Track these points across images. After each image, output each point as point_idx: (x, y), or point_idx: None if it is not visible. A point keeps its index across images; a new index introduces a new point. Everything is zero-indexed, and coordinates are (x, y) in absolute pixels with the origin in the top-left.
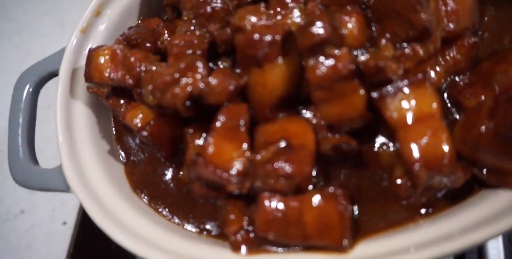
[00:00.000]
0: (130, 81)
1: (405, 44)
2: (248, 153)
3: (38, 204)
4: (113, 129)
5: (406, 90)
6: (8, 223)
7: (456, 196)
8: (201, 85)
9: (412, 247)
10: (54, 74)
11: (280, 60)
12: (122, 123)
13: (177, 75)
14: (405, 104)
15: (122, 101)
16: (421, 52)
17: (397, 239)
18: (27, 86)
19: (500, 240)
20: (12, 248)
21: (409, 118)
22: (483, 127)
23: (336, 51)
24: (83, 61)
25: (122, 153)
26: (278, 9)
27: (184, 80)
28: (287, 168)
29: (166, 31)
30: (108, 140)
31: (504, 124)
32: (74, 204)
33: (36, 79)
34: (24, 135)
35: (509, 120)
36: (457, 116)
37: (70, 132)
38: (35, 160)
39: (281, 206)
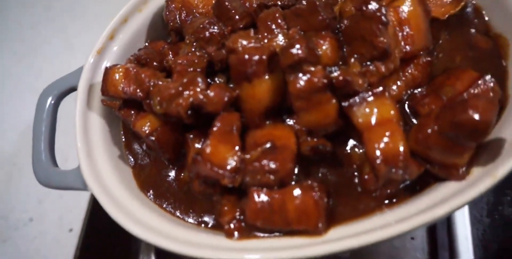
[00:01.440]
0: (141, 94)
1: (369, 63)
2: (239, 153)
3: (46, 212)
4: (123, 137)
5: (370, 100)
6: (18, 230)
7: (415, 189)
8: (201, 96)
9: (378, 228)
10: (73, 89)
11: (266, 76)
12: (131, 131)
13: (180, 89)
14: (369, 111)
15: (132, 112)
16: (383, 69)
17: (365, 224)
18: (50, 99)
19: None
20: (21, 254)
21: (372, 123)
22: (430, 129)
23: (312, 68)
24: (98, 78)
25: (131, 158)
26: (265, 34)
27: (186, 93)
28: (272, 165)
29: (170, 52)
30: (118, 147)
31: (444, 126)
32: (79, 212)
33: (57, 93)
34: (46, 141)
35: (448, 123)
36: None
37: (87, 139)
38: (55, 163)
39: (267, 198)
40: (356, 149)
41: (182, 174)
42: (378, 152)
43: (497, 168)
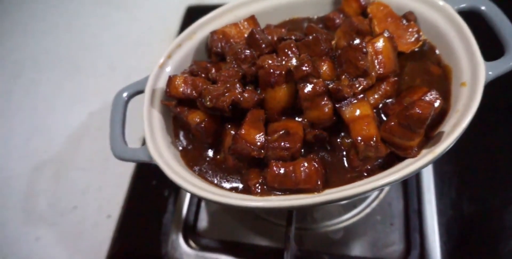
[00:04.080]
0: (195, 94)
1: (355, 79)
2: (264, 136)
3: (88, 201)
4: (173, 128)
5: (354, 102)
6: (63, 217)
7: (385, 166)
8: (239, 96)
9: (357, 186)
10: (141, 91)
11: (284, 85)
12: (179, 125)
13: (225, 90)
14: (353, 110)
15: (185, 109)
16: (364, 83)
17: (349, 186)
18: (124, 95)
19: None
20: (66, 236)
21: (355, 117)
22: (393, 122)
23: (315, 80)
24: (159, 84)
25: (179, 143)
26: (283, 57)
27: (228, 94)
28: (286, 144)
29: (213, 68)
30: (170, 135)
31: (401, 118)
32: (117, 202)
33: (130, 92)
34: (120, 127)
35: (403, 116)
36: None
37: (150, 127)
38: (126, 143)
39: (282, 167)
40: (345, 139)
41: (218, 156)
42: (359, 136)
43: (436, 148)
